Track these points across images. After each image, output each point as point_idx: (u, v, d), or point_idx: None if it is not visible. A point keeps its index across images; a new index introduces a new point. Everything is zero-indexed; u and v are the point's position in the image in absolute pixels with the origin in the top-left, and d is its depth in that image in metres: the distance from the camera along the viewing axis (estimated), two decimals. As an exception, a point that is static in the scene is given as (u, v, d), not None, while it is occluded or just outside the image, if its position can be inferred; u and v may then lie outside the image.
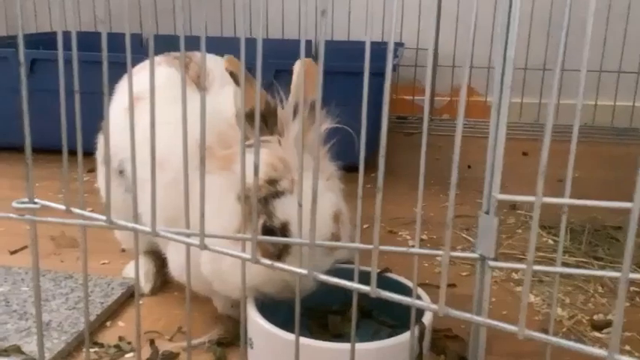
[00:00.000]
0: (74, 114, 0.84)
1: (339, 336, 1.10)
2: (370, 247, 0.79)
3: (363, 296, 0.75)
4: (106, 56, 0.78)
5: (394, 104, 3.15)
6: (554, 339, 0.70)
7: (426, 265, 1.52)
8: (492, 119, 0.81)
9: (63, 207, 0.92)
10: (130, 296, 1.30)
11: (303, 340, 0.90)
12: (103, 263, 1.47)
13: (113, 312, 1.24)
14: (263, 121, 1.03)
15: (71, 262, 1.48)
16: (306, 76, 1.08)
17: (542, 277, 1.43)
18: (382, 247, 0.80)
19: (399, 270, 1.21)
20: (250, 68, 1.02)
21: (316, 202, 0.75)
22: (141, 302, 1.29)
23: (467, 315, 0.69)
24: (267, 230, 1.00)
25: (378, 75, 2.34)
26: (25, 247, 1.55)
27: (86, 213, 0.92)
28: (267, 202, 1.01)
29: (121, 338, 1.15)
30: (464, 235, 1.71)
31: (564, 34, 0.66)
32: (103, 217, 0.90)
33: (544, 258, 1.54)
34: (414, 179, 0.90)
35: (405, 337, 0.97)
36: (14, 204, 0.94)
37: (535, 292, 1.37)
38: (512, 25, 0.76)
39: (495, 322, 0.69)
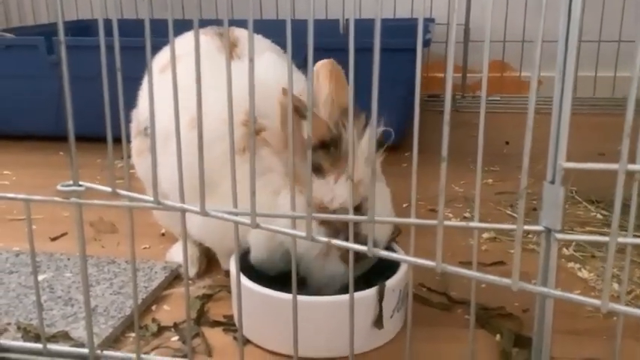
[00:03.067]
0: (103, 99, 0.82)
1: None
2: (365, 218, 0.79)
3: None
4: (148, 36, 0.76)
5: (425, 82, 3.09)
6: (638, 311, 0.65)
7: (472, 242, 1.47)
8: (557, 83, 0.76)
9: (108, 189, 0.90)
10: (174, 279, 1.29)
11: (268, 291, 1.02)
12: (144, 248, 1.46)
13: (158, 296, 1.23)
14: (335, 148, 1.03)
15: (112, 247, 1.47)
16: (332, 80, 1.07)
17: (594, 253, 1.38)
18: (377, 219, 0.78)
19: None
20: (283, 48, 0.99)
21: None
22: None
23: (543, 289, 0.65)
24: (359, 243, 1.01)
25: (407, 51, 2.29)
26: (65, 233, 1.55)
27: (133, 194, 0.90)
28: (356, 226, 1.01)
29: (161, 325, 1.14)
30: (508, 212, 1.66)
31: None
32: (150, 198, 0.88)
33: (594, 233, 1.49)
34: (450, 157, 0.86)
35: (361, 294, 1.00)
36: (59, 187, 0.92)
37: (588, 267, 1.33)
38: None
39: (575, 296, 0.65)
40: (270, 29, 1.40)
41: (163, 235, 1.51)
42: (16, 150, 2.32)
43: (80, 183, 0.92)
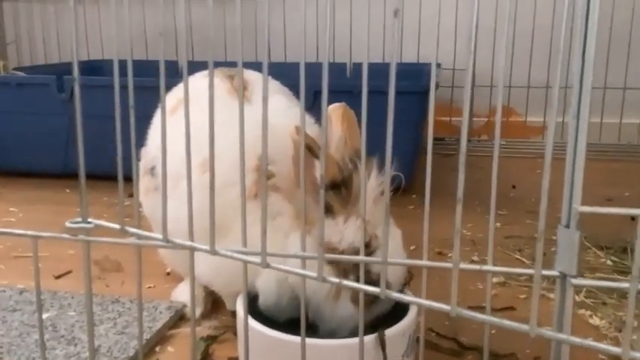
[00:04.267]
0: (114, 139, 0.82)
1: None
2: (378, 259, 0.76)
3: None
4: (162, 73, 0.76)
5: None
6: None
7: (481, 287, 1.46)
8: (571, 127, 0.76)
9: (117, 226, 0.89)
10: (178, 319, 1.27)
11: (276, 333, 0.99)
12: (149, 287, 1.44)
13: (162, 337, 1.21)
14: (346, 189, 1.04)
15: (116, 286, 1.45)
16: (344, 123, 1.08)
17: (605, 300, 1.36)
18: (391, 261, 0.78)
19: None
20: (292, 89, 1.01)
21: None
22: (189, 328, 1.26)
23: (563, 336, 0.64)
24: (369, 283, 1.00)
25: (414, 94, 2.31)
26: (70, 271, 1.54)
27: (142, 232, 0.89)
28: (356, 268, 1.00)
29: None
30: (517, 257, 1.64)
31: None
32: (159, 236, 0.87)
33: (604, 279, 1.47)
34: (455, 200, 0.86)
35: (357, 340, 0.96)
36: (68, 224, 0.91)
37: (599, 314, 1.30)
38: (589, 42, 0.71)
39: (596, 344, 0.63)
40: (279, 72, 1.42)
41: (168, 274, 1.49)
42: (23, 187, 2.32)
43: (89, 220, 0.91)
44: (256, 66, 1.07)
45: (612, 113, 3.02)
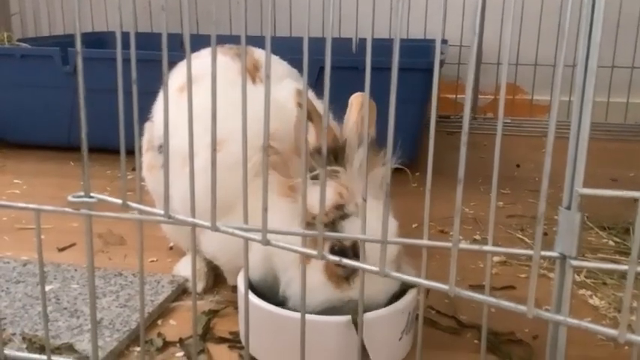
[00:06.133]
0: (116, 112, 0.82)
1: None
2: (378, 239, 0.78)
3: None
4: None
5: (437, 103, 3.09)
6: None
7: (481, 265, 1.46)
8: (575, 108, 0.76)
9: (119, 201, 0.89)
10: (180, 294, 1.28)
11: (274, 308, 1.02)
12: (152, 261, 1.45)
13: (164, 310, 1.22)
14: (333, 155, 1.05)
15: (119, 259, 1.46)
16: (361, 112, 1.09)
17: (606, 280, 1.36)
18: (391, 240, 0.79)
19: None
20: (297, 65, 1.01)
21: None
22: (191, 302, 1.27)
23: (560, 317, 0.64)
24: (337, 252, 0.98)
25: (420, 71, 2.29)
26: (73, 244, 1.55)
27: (144, 207, 0.89)
28: (334, 226, 1.01)
29: (166, 340, 1.13)
30: (519, 236, 1.65)
31: None
32: (161, 212, 0.88)
33: (606, 260, 1.48)
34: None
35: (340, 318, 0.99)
36: (70, 198, 0.92)
37: (599, 295, 1.31)
38: (596, 20, 0.70)
39: (592, 325, 0.63)
40: (283, 46, 1.41)
41: (171, 248, 1.50)
42: (28, 159, 2.32)
43: (91, 194, 0.92)
44: (260, 40, 1.06)
45: (620, 92, 2.99)
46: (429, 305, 1.25)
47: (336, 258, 0.78)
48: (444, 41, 2.89)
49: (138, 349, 1.09)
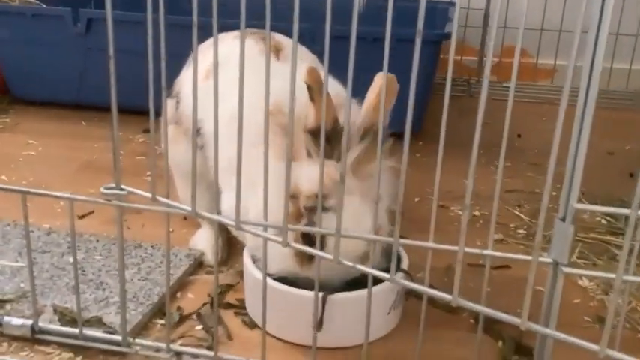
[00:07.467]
0: (129, 73, 0.87)
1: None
2: (390, 240, 0.88)
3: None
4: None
5: (441, 64, 3.12)
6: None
7: (479, 243, 1.54)
8: (575, 129, 0.82)
9: (149, 195, 0.96)
10: (197, 267, 1.36)
11: (274, 283, 1.12)
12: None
13: (182, 283, 1.30)
14: (327, 140, 1.05)
15: (137, 228, 1.54)
16: (380, 94, 1.09)
17: (595, 261, 1.45)
18: (402, 241, 0.88)
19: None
20: (302, 35, 1.04)
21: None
22: (207, 275, 1.35)
23: (547, 331, 0.72)
24: (307, 237, 1.07)
25: (424, 44, 2.29)
26: (92, 212, 1.62)
27: (171, 202, 0.96)
28: (312, 213, 1.08)
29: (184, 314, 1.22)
30: (516, 213, 1.72)
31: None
32: (188, 208, 0.95)
33: (598, 240, 1.55)
34: (461, 148, 0.90)
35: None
36: (102, 190, 0.99)
37: (588, 276, 1.39)
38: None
39: (577, 340, 0.71)
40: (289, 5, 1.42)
41: (185, 219, 1.57)
42: (40, 118, 2.36)
43: (122, 187, 0.98)
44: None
45: (622, 59, 3.01)
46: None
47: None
48: (452, 4, 2.89)
49: (160, 321, 1.18)
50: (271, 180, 1.06)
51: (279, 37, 1.39)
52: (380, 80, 1.11)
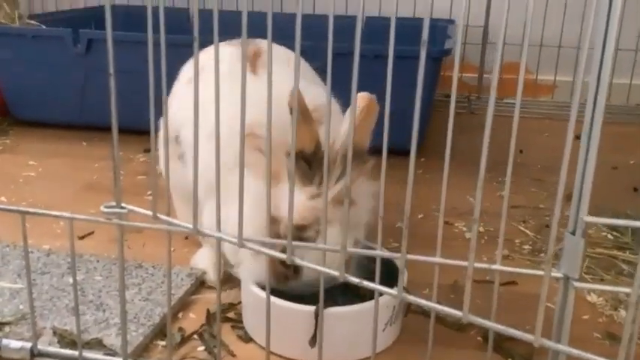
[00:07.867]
0: (129, 93, 0.86)
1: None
2: (397, 255, 0.87)
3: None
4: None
5: (441, 82, 3.12)
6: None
7: (485, 259, 1.52)
8: (583, 140, 0.80)
9: (150, 213, 0.95)
10: (198, 286, 1.34)
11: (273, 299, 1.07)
12: (169, 251, 1.51)
13: (184, 303, 1.28)
14: (307, 164, 1.08)
15: (138, 248, 1.52)
16: (361, 114, 1.09)
17: (603, 277, 1.43)
18: (409, 256, 0.88)
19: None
20: (304, 51, 1.03)
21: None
22: (209, 294, 1.33)
23: (561, 347, 0.70)
24: (283, 265, 1.08)
25: (427, 59, 2.30)
26: (92, 232, 1.60)
27: (172, 220, 0.94)
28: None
29: (184, 332, 1.20)
30: (521, 228, 1.70)
31: None
32: (189, 225, 0.93)
33: (604, 254, 1.53)
34: (465, 165, 0.88)
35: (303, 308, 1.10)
36: (103, 208, 0.97)
37: (597, 291, 1.37)
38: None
39: (589, 355, 0.69)
40: (291, 23, 1.41)
41: (187, 238, 1.56)
42: (40, 139, 2.36)
43: (123, 205, 0.97)
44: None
45: (623, 74, 3.02)
46: (434, 301, 1.31)
47: (356, 279, 0.85)
48: (451, 21, 2.90)
49: (161, 342, 1.16)
50: (254, 199, 1.03)
51: (260, 44, 1.34)
52: (361, 102, 1.10)
